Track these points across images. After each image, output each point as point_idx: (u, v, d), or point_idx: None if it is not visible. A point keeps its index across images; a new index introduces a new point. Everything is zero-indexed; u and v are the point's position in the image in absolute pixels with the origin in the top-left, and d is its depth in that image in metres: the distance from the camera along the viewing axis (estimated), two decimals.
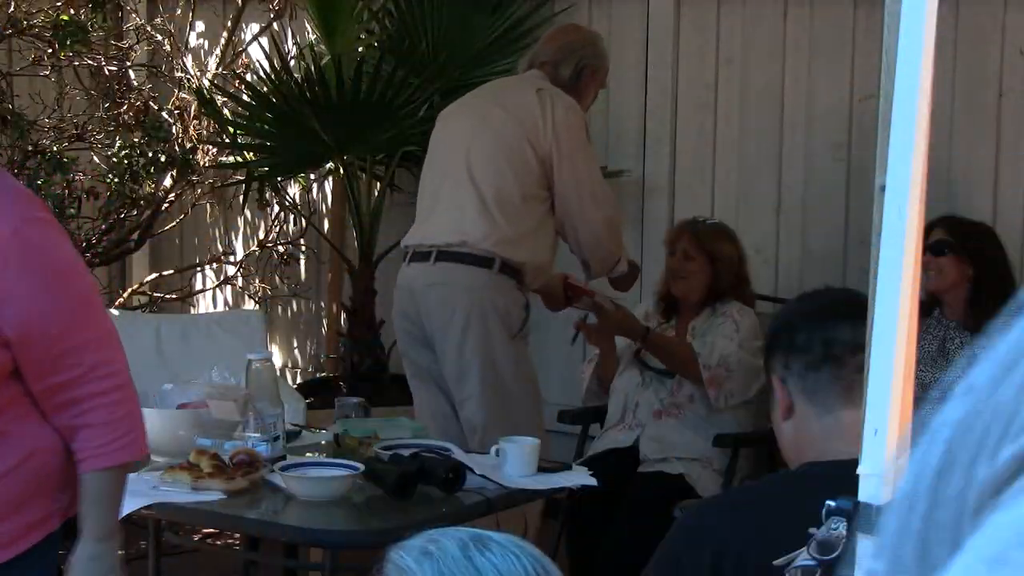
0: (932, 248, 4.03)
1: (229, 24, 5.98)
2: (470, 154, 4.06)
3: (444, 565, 1.29)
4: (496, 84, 4.46)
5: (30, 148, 5.23)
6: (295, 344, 6.26)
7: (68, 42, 5.20)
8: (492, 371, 3.99)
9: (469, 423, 4.00)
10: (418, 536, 1.34)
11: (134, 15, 6.09)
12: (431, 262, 4.03)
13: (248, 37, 6.00)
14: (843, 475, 1.73)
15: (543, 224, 4.09)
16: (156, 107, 5.81)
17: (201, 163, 5.78)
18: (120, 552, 2.41)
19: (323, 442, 3.60)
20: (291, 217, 6.12)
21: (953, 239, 4.06)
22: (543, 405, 4.29)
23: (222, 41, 5.97)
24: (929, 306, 4.15)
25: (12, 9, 5.30)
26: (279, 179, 5.76)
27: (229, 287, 6.28)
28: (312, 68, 5.01)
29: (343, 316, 5.60)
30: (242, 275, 6.21)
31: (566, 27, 4.66)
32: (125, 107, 5.71)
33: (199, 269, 6.34)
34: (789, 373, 1.98)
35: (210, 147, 5.77)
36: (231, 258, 6.25)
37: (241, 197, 5.63)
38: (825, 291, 2.14)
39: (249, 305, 6.17)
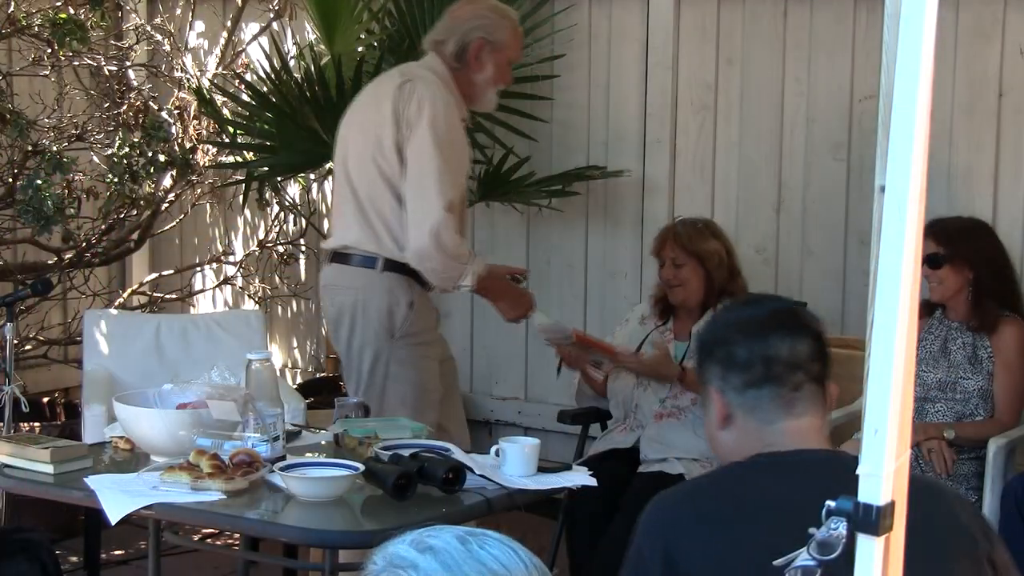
0: (928, 261, 3.97)
1: (229, 24, 5.98)
2: (347, 155, 4.06)
3: (447, 556, 1.28)
4: (378, 78, 4.21)
5: (30, 148, 5.23)
6: (295, 344, 6.26)
7: (67, 39, 5.20)
8: (370, 372, 3.98)
9: None
10: (408, 533, 1.32)
11: (134, 15, 6.10)
12: (328, 264, 4.09)
13: (248, 37, 6.00)
14: (794, 462, 1.75)
15: None
16: (156, 107, 5.82)
17: (201, 163, 5.78)
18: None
19: (323, 442, 3.60)
20: (291, 217, 6.12)
21: (947, 250, 4.01)
22: (431, 411, 4.04)
23: (222, 41, 5.97)
24: (931, 306, 4.14)
25: (12, 9, 5.30)
26: (279, 179, 5.76)
27: (229, 287, 6.28)
28: (312, 68, 5.00)
29: None
30: (242, 275, 6.21)
31: (462, 1, 4.17)
32: (125, 107, 5.71)
33: (199, 269, 6.34)
34: (727, 386, 2.00)
35: (210, 147, 5.77)
36: (231, 258, 6.25)
37: (241, 197, 5.63)
38: (762, 299, 2.14)
39: (249, 305, 6.17)
